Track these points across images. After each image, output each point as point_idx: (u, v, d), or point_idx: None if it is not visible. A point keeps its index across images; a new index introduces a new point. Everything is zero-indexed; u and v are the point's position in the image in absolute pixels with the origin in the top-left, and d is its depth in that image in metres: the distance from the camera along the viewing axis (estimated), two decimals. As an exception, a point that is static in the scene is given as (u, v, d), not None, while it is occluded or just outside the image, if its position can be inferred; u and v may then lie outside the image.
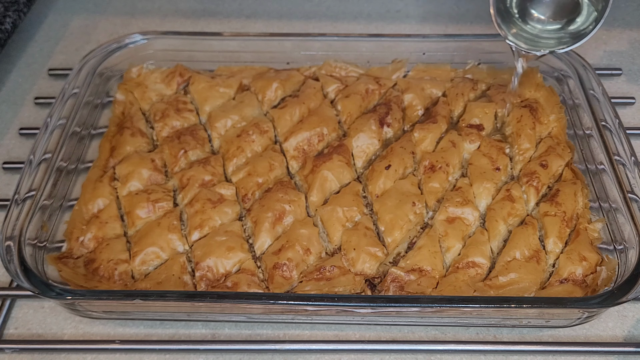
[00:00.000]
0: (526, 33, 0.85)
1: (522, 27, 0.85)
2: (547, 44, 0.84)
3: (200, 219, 0.82)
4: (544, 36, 0.85)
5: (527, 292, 0.75)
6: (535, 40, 0.85)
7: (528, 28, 0.85)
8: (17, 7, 1.11)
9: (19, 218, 0.77)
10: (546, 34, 0.85)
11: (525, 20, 0.85)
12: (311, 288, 0.76)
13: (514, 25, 0.85)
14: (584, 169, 0.89)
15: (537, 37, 0.85)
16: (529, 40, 0.85)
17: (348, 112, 0.94)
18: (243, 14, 1.24)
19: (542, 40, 0.85)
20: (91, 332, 0.77)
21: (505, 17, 0.85)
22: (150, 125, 0.96)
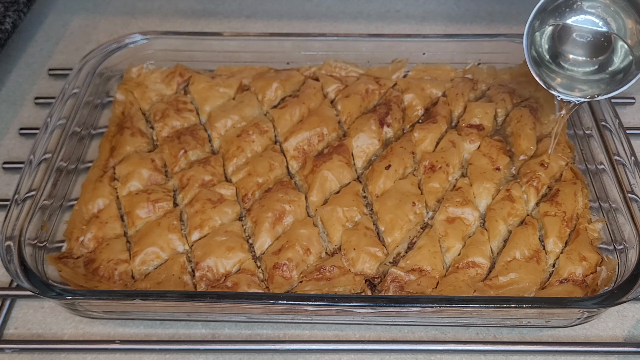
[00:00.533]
0: (563, 78, 0.82)
1: (559, 72, 0.82)
2: (588, 89, 0.81)
3: (200, 219, 0.82)
4: (582, 79, 0.81)
5: (527, 292, 0.75)
6: (575, 85, 0.81)
7: (565, 72, 0.82)
8: (17, 7, 1.11)
9: (19, 218, 0.77)
10: (584, 76, 0.82)
11: (560, 65, 0.82)
12: (311, 288, 0.76)
13: (551, 72, 0.82)
14: (584, 169, 0.89)
15: (576, 82, 0.82)
16: (568, 87, 0.81)
17: (348, 112, 0.95)
18: (243, 14, 1.24)
19: (582, 85, 0.81)
20: (91, 332, 0.77)
21: (540, 64, 0.82)
22: (150, 125, 0.96)
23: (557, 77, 0.82)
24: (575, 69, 0.81)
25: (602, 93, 0.78)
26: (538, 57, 0.82)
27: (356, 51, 1.02)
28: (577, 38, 0.80)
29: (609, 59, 0.80)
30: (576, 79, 0.81)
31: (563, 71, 0.82)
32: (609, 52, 0.80)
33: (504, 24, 1.20)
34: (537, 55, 0.82)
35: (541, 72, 0.81)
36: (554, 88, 0.80)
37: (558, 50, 0.81)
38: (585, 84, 0.81)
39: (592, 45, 0.80)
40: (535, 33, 0.81)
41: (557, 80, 0.81)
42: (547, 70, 0.82)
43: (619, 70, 0.79)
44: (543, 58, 0.82)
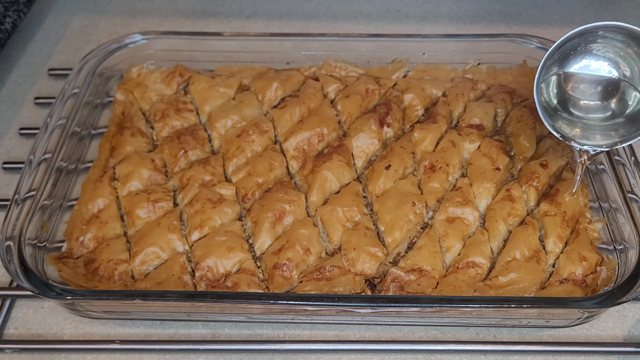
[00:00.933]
0: (580, 127, 0.79)
1: (573, 121, 0.79)
2: (605, 135, 0.78)
3: (200, 219, 0.82)
4: (599, 126, 0.79)
5: (527, 292, 0.75)
6: (591, 133, 0.78)
7: (580, 120, 0.79)
8: (17, 7, 1.11)
9: (19, 218, 0.77)
10: (600, 122, 0.79)
11: (572, 113, 0.79)
12: (311, 288, 0.76)
13: (566, 122, 0.79)
14: (584, 169, 0.89)
15: (592, 129, 0.78)
16: (585, 135, 0.78)
17: (348, 112, 0.95)
18: (243, 14, 1.24)
19: (599, 131, 0.78)
20: (91, 332, 0.77)
21: (554, 115, 0.79)
22: (150, 125, 0.96)
23: (574, 126, 0.79)
24: (589, 116, 0.79)
25: (621, 140, 0.76)
26: (550, 109, 0.80)
27: (356, 51, 1.02)
28: (586, 84, 0.79)
29: (623, 103, 0.78)
30: (592, 126, 0.79)
31: (578, 119, 0.79)
32: (621, 96, 0.78)
33: (504, 24, 1.20)
34: (548, 106, 0.80)
35: (556, 123, 0.78)
36: (571, 139, 0.78)
37: (569, 97, 0.79)
38: (602, 130, 0.79)
39: (603, 90, 0.79)
40: (543, 83, 0.79)
41: (575, 131, 0.79)
42: (562, 121, 0.79)
43: (634, 113, 0.77)
44: (556, 109, 0.80)
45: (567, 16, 1.22)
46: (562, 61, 0.78)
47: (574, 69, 0.78)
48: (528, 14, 1.23)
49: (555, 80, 0.80)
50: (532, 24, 1.20)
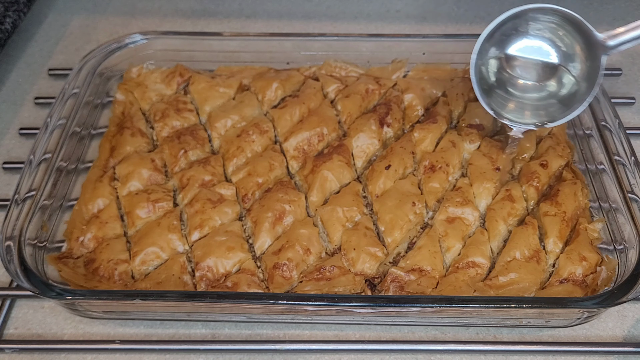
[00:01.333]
0: (515, 104, 0.83)
1: (509, 99, 0.82)
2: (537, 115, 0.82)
3: (200, 219, 0.82)
4: (533, 105, 0.82)
5: (527, 292, 0.75)
6: (525, 111, 0.82)
7: (515, 99, 0.82)
8: (17, 7, 1.11)
9: (19, 218, 0.77)
10: (535, 102, 0.82)
11: (510, 92, 0.83)
12: (311, 288, 0.76)
13: (502, 99, 0.83)
14: (584, 169, 0.89)
15: (526, 108, 0.82)
16: (519, 113, 0.82)
17: (348, 112, 0.95)
18: (243, 14, 1.24)
19: (532, 111, 0.82)
20: (91, 332, 0.77)
21: (491, 92, 0.82)
22: (150, 125, 0.96)
23: (509, 103, 0.82)
24: (526, 95, 0.82)
25: (550, 120, 0.80)
26: (488, 86, 0.82)
27: (356, 51, 1.02)
28: (525, 65, 0.81)
29: (559, 85, 0.81)
30: (527, 105, 0.82)
31: (513, 98, 0.82)
32: (557, 78, 0.81)
33: (504, 24, 1.20)
34: (486, 84, 0.82)
35: (492, 101, 0.82)
36: (503, 117, 0.81)
37: (508, 77, 0.82)
38: (536, 109, 0.82)
39: (541, 70, 0.81)
40: (484, 61, 0.82)
41: (510, 106, 0.82)
42: (499, 98, 0.82)
43: (567, 96, 0.80)
44: (493, 86, 0.83)
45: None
46: (503, 42, 0.81)
47: (513, 50, 0.81)
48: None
49: (496, 59, 0.82)
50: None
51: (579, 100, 0.78)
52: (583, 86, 0.79)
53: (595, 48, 0.76)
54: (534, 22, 0.79)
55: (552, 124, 0.80)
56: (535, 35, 0.80)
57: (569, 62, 0.80)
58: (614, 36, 0.75)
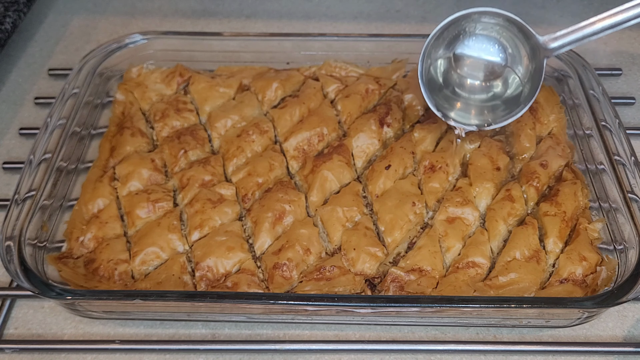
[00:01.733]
0: (461, 104, 0.84)
1: (456, 99, 0.84)
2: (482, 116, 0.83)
3: (200, 219, 0.82)
4: (479, 106, 0.84)
5: (527, 292, 0.75)
6: (471, 111, 0.84)
7: (461, 99, 0.84)
8: (17, 7, 1.11)
9: (19, 218, 0.77)
10: (481, 103, 0.84)
11: (456, 92, 0.84)
12: (311, 288, 0.76)
13: (449, 99, 0.84)
14: (584, 169, 0.89)
15: (472, 108, 0.84)
16: (465, 113, 0.84)
17: (348, 112, 0.95)
18: (243, 14, 1.24)
19: (477, 111, 0.84)
20: (91, 332, 0.77)
21: (438, 91, 0.84)
22: (150, 125, 0.96)
23: (456, 103, 0.84)
24: (472, 96, 0.84)
25: (494, 121, 0.82)
26: (436, 86, 0.84)
27: (356, 51, 1.02)
28: (472, 65, 0.83)
29: (504, 86, 0.83)
30: (473, 106, 0.84)
31: (460, 98, 0.84)
32: (503, 79, 0.83)
33: (504, 24, 1.20)
34: (434, 84, 0.83)
35: (440, 101, 0.83)
36: (450, 117, 0.83)
37: (455, 77, 0.84)
38: (481, 110, 0.84)
39: (488, 71, 0.83)
40: (432, 61, 0.83)
41: (456, 106, 0.84)
42: (446, 99, 0.84)
43: (511, 97, 0.82)
44: (440, 87, 0.84)
45: (567, 16, 1.22)
46: (451, 42, 0.82)
47: (461, 50, 0.83)
48: (528, 14, 1.23)
49: (444, 60, 0.83)
50: (532, 24, 1.19)
51: (523, 102, 0.80)
52: (527, 88, 0.81)
53: (537, 51, 0.78)
54: (481, 24, 0.81)
55: (494, 126, 0.82)
56: (482, 35, 0.82)
57: (514, 63, 0.81)
58: (555, 39, 0.78)
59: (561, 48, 0.78)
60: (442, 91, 0.84)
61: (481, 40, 0.82)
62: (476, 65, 0.83)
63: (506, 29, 0.80)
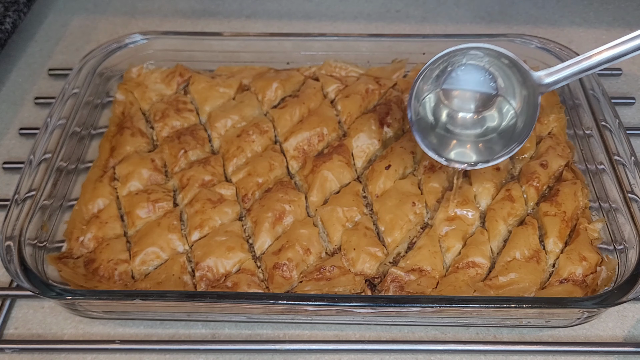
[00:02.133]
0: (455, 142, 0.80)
1: (450, 137, 0.80)
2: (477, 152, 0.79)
3: (200, 219, 0.82)
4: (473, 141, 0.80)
5: (527, 292, 0.75)
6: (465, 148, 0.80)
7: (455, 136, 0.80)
8: (17, 7, 1.11)
9: (19, 218, 0.77)
10: (475, 138, 0.80)
11: (449, 130, 0.80)
12: (311, 288, 0.76)
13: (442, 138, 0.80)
14: (584, 169, 0.89)
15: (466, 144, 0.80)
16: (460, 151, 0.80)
17: (348, 112, 0.94)
18: (243, 14, 1.24)
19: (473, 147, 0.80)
20: (91, 332, 0.77)
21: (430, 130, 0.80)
22: (150, 125, 0.96)
23: (450, 140, 0.80)
24: (466, 132, 0.80)
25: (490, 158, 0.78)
26: (427, 125, 0.80)
27: (356, 51, 1.02)
28: (463, 98, 0.80)
29: (498, 118, 0.79)
30: (467, 142, 0.80)
31: (454, 136, 0.80)
32: (496, 110, 0.79)
33: (504, 24, 1.20)
34: (425, 123, 0.80)
35: (433, 139, 0.79)
36: (444, 157, 0.78)
37: (447, 113, 0.80)
38: (477, 145, 0.80)
39: (480, 103, 0.80)
40: (421, 101, 0.80)
41: (452, 144, 0.80)
42: (439, 137, 0.80)
43: (506, 129, 0.79)
44: (433, 126, 0.80)
45: (567, 16, 1.22)
46: (440, 77, 0.79)
47: (450, 83, 0.79)
48: (528, 14, 1.23)
49: (434, 96, 0.80)
50: (532, 24, 1.20)
51: (518, 135, 0.77)
52: (521, 120, 0.77)
53: (531, 86, 0.75)
54: (470, 55, 0.77)
55: (492, 163, 0.78)
56: (471, 65, 0.78)
57: (506, 93, 0.78)
58: (550, 74, 0.75)
59: (556, 83, 0.75)
60: (435, 130, 0.80)
61: (470, 70, 0.78)
62: (466, 96, 0.80)
63: (497, 61, 0.77)
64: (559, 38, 1.14)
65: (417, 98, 0.78)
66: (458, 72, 0.79)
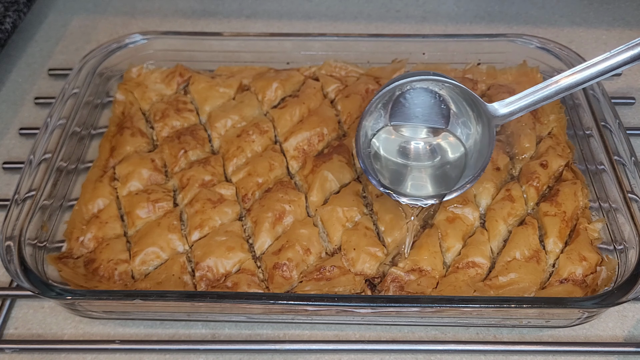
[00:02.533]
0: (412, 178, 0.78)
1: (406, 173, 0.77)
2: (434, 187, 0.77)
3: (200, 219, 0.82)
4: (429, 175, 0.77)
5: (527, 292, 0.75)
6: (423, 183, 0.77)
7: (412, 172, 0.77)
8: (17, 7, 1.11)
9: (19, 218, 0.77)
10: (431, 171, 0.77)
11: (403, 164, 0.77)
12: (311, 288, 0.76)
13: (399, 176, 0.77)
14: (584, 169, 0.89)
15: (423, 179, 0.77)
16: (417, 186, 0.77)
17: (348, 112, 0.94)
18: (243, 14, 1.24)
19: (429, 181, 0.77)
20: (91, 332, 0.77)
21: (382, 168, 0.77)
22: (150, 125, 0.96)
23: (405, 175, 0.78)
24: (420, 164, 0.78)
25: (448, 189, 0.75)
26: (380, 164, 0.77)
27: (356, 51, 1.02)
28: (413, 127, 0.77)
29: (448, 149, 0.77)
30: (424, 176, 0.78)
31: (409, 170, 0.78)
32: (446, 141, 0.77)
33: (504, 24, 1.20)
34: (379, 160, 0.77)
35: (386, 175, 0.77)
36: (402, 194, 0.75)
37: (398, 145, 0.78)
38: (435, 178, 0.78)
39: (432, 131, 0.77)
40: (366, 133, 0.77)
41: (407, 178, 0.77)
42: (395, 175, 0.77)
43: (459, 159, 0.77)
44: (386, 159, 0.77)
45: (567, 16, 1.22)
46: (387, 104, 0.76)
47: (400, 114, 0.76)
48: (528, 14, 1.23)
49: (383, 132, 0.77)
50: (532, 24, 1.20)
51: (473, 165, 0.75)
52: (476, 149, 0.75)
53: (486, 118, 0.73)
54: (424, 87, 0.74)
55: (449, 197, 0.75)
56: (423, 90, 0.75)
57: (456, 123, 0.76)
58: (505, 105, 0.72)
59: (512, 115, 0.72)
60: (388, 168, 0.77)
61: (419, 94, 0.75)
62: (417, 126, 0.77)
63: (449, 90, 0.74)
64: (559, 38, 1.14)
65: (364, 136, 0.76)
66: (407, 96, 0.75)
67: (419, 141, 0.78)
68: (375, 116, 0.77)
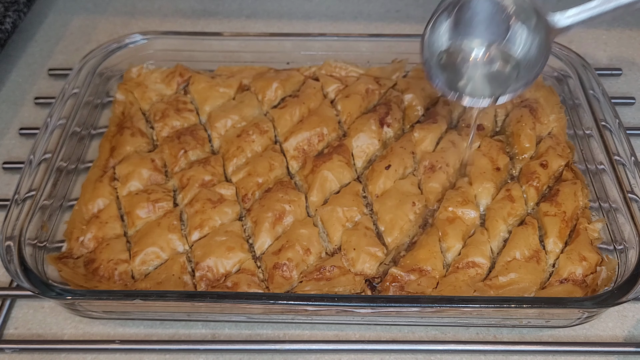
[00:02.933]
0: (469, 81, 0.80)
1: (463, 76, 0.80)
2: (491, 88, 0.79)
3: (200, 219, 0.82)
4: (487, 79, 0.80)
5: (527, 292, 0.75)
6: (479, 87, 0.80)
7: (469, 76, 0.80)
8: (17, 7, 1.11)
9: (19, 218, 0.77)
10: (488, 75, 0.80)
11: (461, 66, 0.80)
12: (311, 288, 0.76)
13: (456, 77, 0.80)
14: (584, 169, 0.89)
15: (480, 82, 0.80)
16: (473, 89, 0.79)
17: (348, 112, 0.95)
18: (243, 14, 1.24)
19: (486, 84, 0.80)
20: (91, 332, 0.77)
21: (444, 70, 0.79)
22: (150, 125, 0.96)
23: (463, 79, 0.80)
24: (477, 71, 0.80)
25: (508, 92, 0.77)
26: (439, 65, 0.80)
27: (356, 51, 1.02)
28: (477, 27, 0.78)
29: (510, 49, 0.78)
30: (480, 80, 0.80)
31: (467, 75, 0.80)
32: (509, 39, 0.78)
33: (504, 24, 1.20)
34: (437, 62, 0.79)
35: (446, 79, 0.79)
36: (459, 97, 0.78)
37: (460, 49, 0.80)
38: (489, 82, 0.80)
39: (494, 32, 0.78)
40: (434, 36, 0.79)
41: (463, 83, 0.80)
42: (452, 75, 0.80)
43: (508, 68, 0.78)
44: (445, 64, 0.80)
45: (567, 16, 1.22)
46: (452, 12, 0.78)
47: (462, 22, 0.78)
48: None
49: (447, 31, 0.79)
50: (532, 24, 1.20)
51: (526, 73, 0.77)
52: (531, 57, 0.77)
53: (545, 29, 0.75)
54: None
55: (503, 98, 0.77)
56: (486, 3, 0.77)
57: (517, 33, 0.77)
58: (565, 17, 0.74)
59: (570, 28, 0.74)
60: (447, 70, 0.80)
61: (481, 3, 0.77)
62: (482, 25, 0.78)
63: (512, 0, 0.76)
64: (558, 38, 1.13)
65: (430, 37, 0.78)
66: (471, 4, 0.77)
67: (478, 47, 0.80)
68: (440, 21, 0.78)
